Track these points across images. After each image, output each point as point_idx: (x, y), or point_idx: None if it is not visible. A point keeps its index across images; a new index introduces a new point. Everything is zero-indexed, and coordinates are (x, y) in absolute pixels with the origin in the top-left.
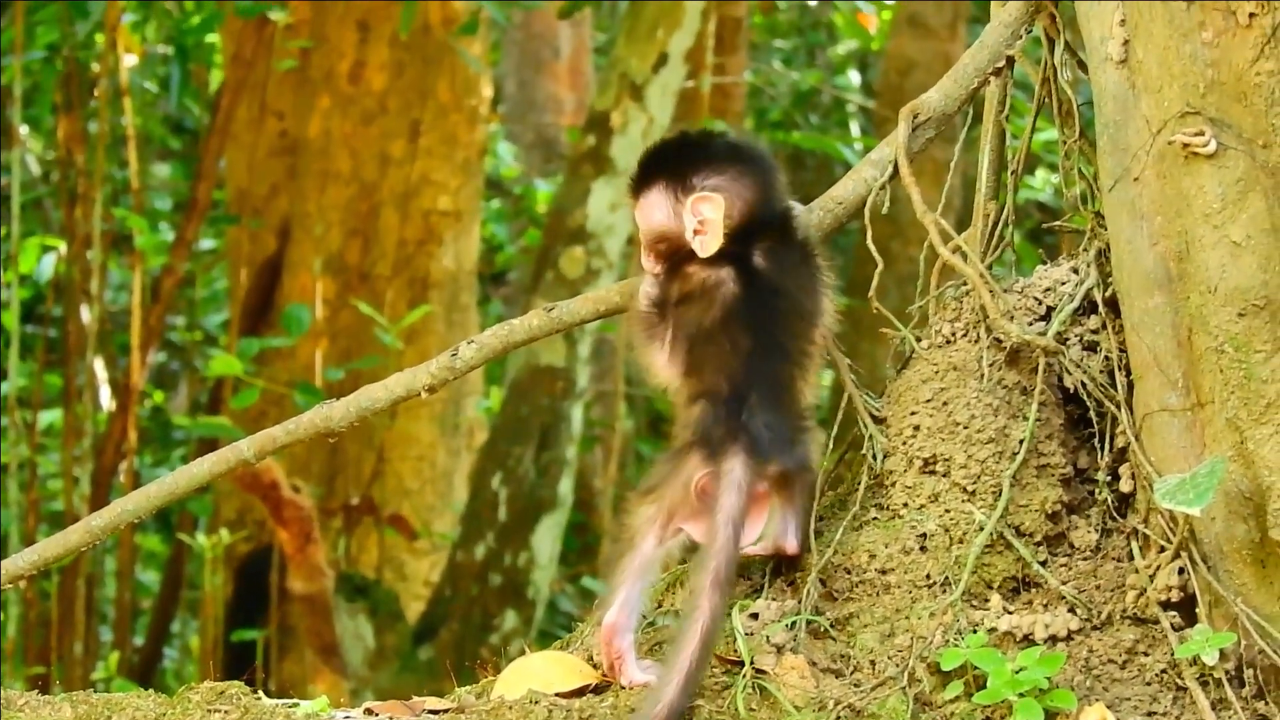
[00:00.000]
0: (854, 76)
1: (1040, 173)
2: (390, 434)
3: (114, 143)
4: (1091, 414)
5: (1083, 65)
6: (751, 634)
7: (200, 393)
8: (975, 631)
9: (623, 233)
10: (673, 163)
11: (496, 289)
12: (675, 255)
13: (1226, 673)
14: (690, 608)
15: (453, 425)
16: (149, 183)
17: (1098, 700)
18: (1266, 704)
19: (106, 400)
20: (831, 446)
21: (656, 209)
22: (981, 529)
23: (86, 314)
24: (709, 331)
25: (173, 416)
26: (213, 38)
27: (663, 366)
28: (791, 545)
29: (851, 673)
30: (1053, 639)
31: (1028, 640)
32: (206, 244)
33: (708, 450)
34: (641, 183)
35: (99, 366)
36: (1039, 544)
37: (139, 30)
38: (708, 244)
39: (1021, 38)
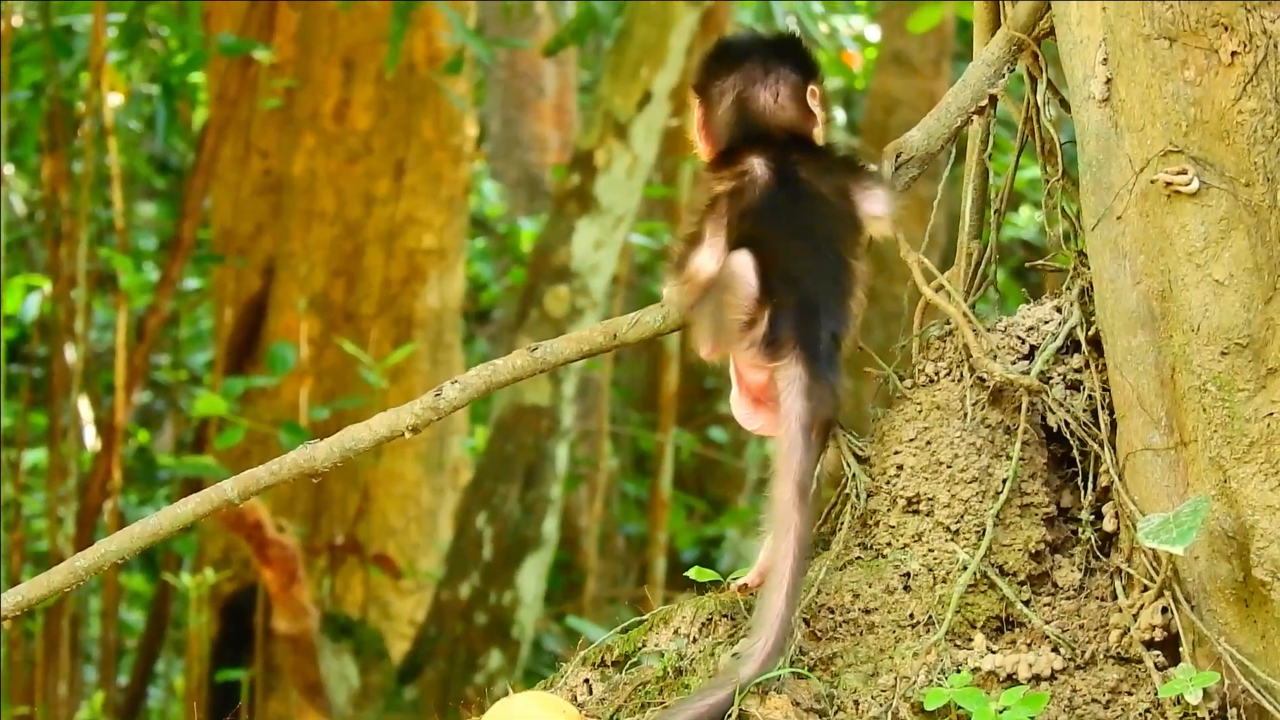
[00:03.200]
0: (839, 114)
1: (1025, 210)
2: (375, 473)
3: (99, 182)
4: (1075, 453)
5: (1065, 104)
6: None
7: (185, 432)
8: (959, 671)
9: (607, 271)
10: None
11: (481, 327)
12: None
13: (1210, 712)
14: (780, 521)
15: (438, 464)
16: (134, 222)
17: None
18: None
19: (91, 440)
20: (815, 485)
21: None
22: (965, 568)
23: (71, 353)
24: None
25: (158, 456)
26: (198, 77)
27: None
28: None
29: (835, 713)
30: (1036, 678)
31: (1011, 680)
32: (191, 283)
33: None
34: None
35: (84, 406)
36: (1022, 583)
37: (124, 69)
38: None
39: (1004, 76)
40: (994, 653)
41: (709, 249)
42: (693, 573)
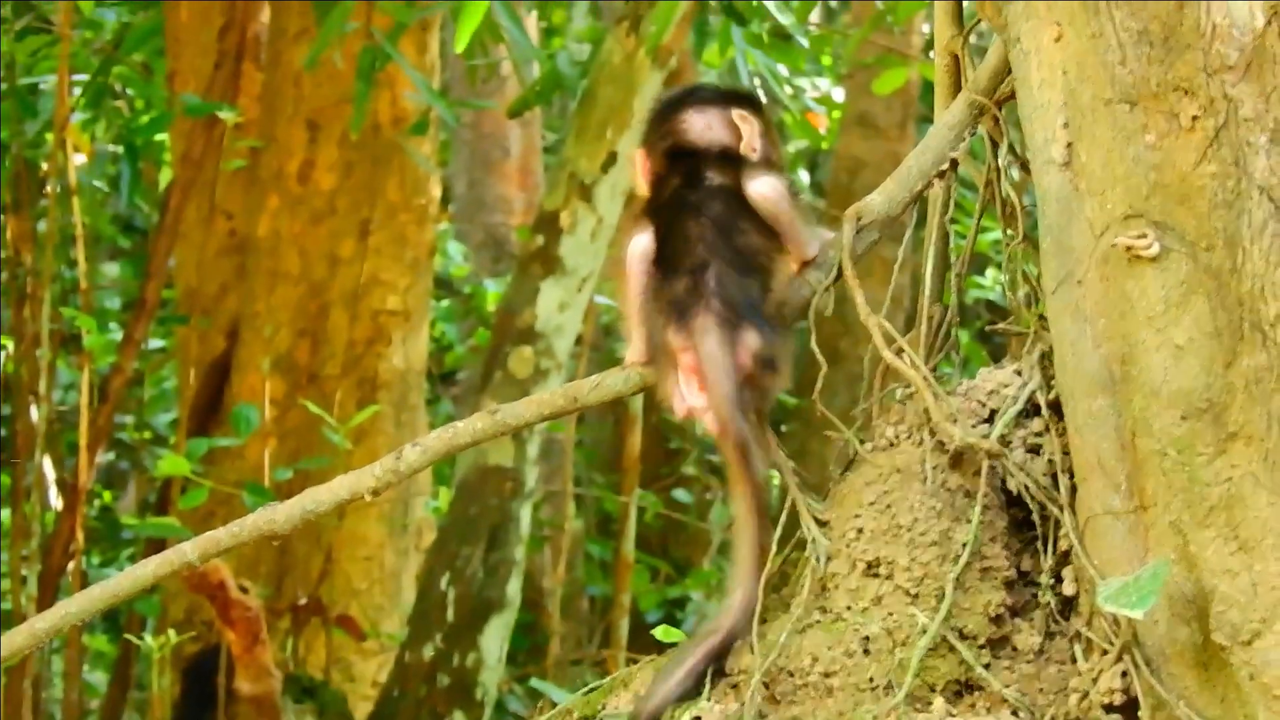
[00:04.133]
0: (804, 176)
1: (990, 272)
2: (338, 534)
3: (63, 242)
4: (1035, 517)
5: (1026, 167)
6: None
7: (149, 492)
8: None
9: (572, 332)
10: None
11: (446, 388)
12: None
13: None
14: (733, 486)
15: (401, 525)
16: (98, 282)
17: None
18: None
19: (54, 500)
20: (775, 549)
21: None
22: (925, 632)
23: (34, 413)
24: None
25: (121, 516)
26: (162, 137)
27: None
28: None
29: None
30: None
31: None
32: (155, 343)
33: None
34: None
35: (47, 466)
36: (982, 647)
37: (89, 129)
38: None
39: (965, 139)
40: (954, 716)
41: (639, 233)
42: (658, 632)
